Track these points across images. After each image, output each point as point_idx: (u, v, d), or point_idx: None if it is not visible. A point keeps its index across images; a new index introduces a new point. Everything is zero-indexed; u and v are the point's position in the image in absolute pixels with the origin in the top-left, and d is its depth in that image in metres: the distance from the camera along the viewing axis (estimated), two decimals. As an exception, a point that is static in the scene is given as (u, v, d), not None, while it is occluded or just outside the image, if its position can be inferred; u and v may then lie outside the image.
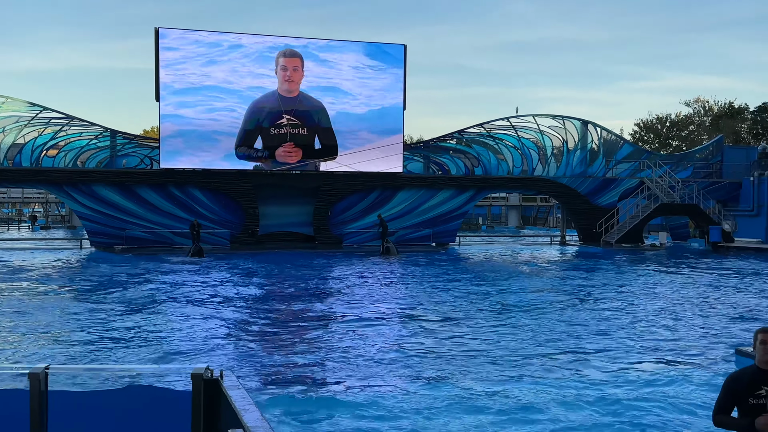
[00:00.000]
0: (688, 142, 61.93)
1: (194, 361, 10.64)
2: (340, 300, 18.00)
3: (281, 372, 10.48)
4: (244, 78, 32.90)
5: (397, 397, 9.18)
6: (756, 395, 4.42)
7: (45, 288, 19.59)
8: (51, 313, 15.18)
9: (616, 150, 39.28)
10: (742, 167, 40.59)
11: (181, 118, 32.09)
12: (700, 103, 67.41)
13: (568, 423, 8.20)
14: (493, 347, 12.20)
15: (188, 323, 14.26)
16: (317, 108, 33.76)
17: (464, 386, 9.63)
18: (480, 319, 15.06)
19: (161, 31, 31.91)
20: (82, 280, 21.56)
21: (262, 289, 19.85)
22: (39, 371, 5.65)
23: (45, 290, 19.15)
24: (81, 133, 32.64)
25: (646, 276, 23.75)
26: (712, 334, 13.69)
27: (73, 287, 19.94)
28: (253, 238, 33.11)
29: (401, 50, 35.04)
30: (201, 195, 32.93)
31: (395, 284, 21.69)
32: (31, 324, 13.90)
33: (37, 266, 25.48)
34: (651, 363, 11.29)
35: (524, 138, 37.46)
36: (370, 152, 34.24)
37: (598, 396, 9.29)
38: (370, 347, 12.17)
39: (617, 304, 17.50)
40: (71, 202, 32.33)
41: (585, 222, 37.99)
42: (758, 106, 60.08)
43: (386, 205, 35.03)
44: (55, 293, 18.67)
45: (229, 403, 5.68)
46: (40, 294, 18.44)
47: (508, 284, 21.29)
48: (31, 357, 10.93)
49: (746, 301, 18.15)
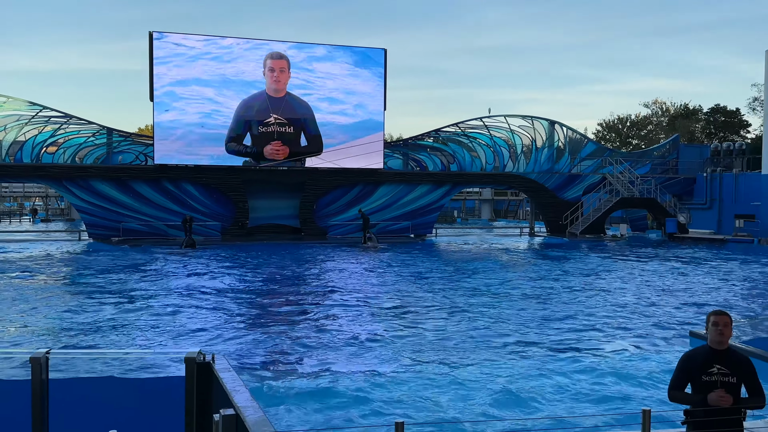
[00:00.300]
0: (646, 141, 62.52)
1: (187, 346, 10.59)
2: (323, 287, 17.96)
3: (269, 355, 10.45)
4: (234, 79, 32.66)
5: (378, 376, 9.19)
6: (708, 373, 4.48)
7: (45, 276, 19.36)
8: (54, 301, 15.01)
9: (580, 148, 39.54)
10: (696, 164, 41.08)
11: (174, 117, 31.81)
12: (658, 105, 68.07)
13: (538, 394, 8.27)
14: (466, 330, 12.25)
15: (180, 310, 14.16)
16: (303, 107, 33.63)
17: (440, 366, 9.67)
18: (452, 302, 15.12)
19: (155, 34, 31.60)
20: (82, 269, 21.31)
21: (252, 277, 19.75)
22: (40, 356, 5.58)
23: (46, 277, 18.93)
24: (79, 131, 32.27)
25: (607, 264, 23.97)
26: (668, 317, 13.86)
27: (73, 274, 19.73)
28: (243, 230, 32.97)
29: (382, 54, 34.98)
30: (193, 189, 32.70)
31: (375, 272, 21.70)
32: (32, 310, 13.73)
33: (36, 257, 25.16)
34: (611, 343, 11.42)
35: (496, 137, 37.60)
36: (353, 149, 34.19)
37: (561, 372, 9.38)
38: (352, 331, 12.17)
39: (580, 289, 17.64)
40: (70, 196, 31.96)
41: (552, 215, 38.24)
42: (711, 108, 60.75)
43: (368, 199, 35.01)
44: (60, 277, 18.46)
45: (220, 385, 5.66)
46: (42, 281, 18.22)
47: (480, 271, 21.38)
48: (37, 341, 10.80)
49: (699, 287, 18.39)
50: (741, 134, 57.86)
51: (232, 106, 32.62)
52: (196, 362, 5.89)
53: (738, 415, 4.47)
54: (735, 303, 15.76)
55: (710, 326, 4.59)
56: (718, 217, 37.67)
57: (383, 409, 7.91)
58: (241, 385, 5.84)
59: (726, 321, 4.55)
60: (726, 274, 21.36)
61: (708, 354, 4.55)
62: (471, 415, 7.68)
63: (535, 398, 8.32)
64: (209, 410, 5.71)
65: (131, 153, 33.00)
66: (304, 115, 33.62)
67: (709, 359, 4.52)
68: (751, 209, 35.33)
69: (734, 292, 17.71)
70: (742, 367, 4.52)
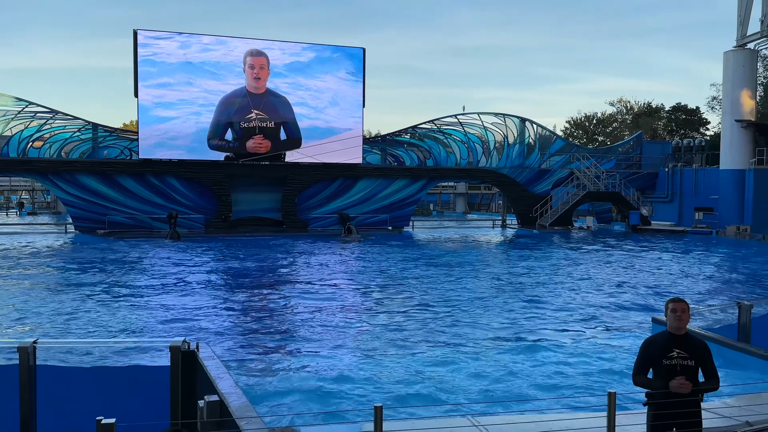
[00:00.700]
0: (611, 138, 63.11)
1: (171, 334, 10.50)
2: (304, 276, 17.91)
3: (252, 343, 10.42)
4: (215, 75, 32.35)
5: (355, 361, 9.21)
6: (669, 357, 4.56)
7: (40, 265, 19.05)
8: (41, 288, 14.78)
9: (549, 144, 39.83)
10: (659, 159, 41.63)
11: (158, 113, 31.46)
12: (623, 103, 68.71)
13: (511, 379, 8.35)
14: (441, 315, 12.33)
15: (164, 299, 14.04)
16: (283, 103, 33.44)
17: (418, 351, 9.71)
18: (430, 289, 15.18)
19: (139, 32, 31.18)
20: (69, 260, 21.01)
21: (236, 268, 19.62)
22: (28, 345, 5.51)
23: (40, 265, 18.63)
24: (65, 126, 31.73)
25: (574, 254, 24.23)
26: (631, 304, 14.06)
27: (62, 266, 19.44)
28: (226, 223, 32.74)
29: (361, 53, 34.88)
30: (177, 183, 32.38)
31: (355, 262, 21.70)
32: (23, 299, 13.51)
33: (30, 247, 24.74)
34: (578, 329, 11.56)
35: (470, 133, 37.73)
36: (333, 144, 34.09)
37: (531, 356, 9.48)
38: (331, 318, 12.17)
39: (548, 278, 17.82)
40: (56, 189, 31.48)
41: (523, 207, 38.53)
42: (672, 106, 61.51)
43: (347, 192, 34.98)
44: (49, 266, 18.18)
45: (205, 373, 5.64)
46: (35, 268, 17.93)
47: (454, 260, 21.48)
48: (23, 330, 10.64)
49: (660, 275, 18.67)
50: (700, 131, 58.71)
51: (214, 102, 32.33)
52: (180, 350, 5.86)
53: (696, 397, 4.57)
54: (693, 290, 16.04)
55: (669, 313, 4.67)
56: (678, 210, 38.25)
57: (363, 393, 7.93)
58: (225, 373, 5.83)
59: (684, 307, 4.64)
60: (685, 264, 21.72)
61: (668, 339, 4.64)
62: (445, 397, 7.74)
63: (503, 383, 8.41)
64: (194, 397, 5.69)
65: (116, 148, 32.56)
66: (284, 111, 33.43)
67: (669, 344, 4.60)
68: (710, 202, 35.94)
69: (693, 279, 18.02)
70: (700, 350, 4.62)
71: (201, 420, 5.02)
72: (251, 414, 4.96)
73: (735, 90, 34.31)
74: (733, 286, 17.21)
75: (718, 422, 5.33)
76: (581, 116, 68.59)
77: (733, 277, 19.01)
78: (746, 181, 33.71)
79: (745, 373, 7.72)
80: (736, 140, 34.41)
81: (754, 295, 15.30)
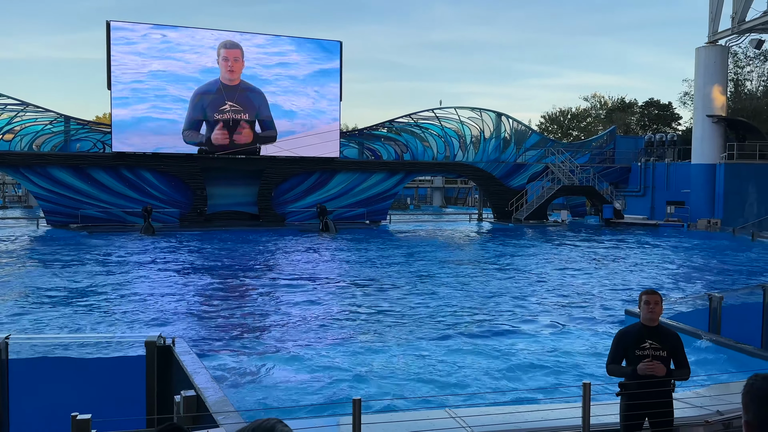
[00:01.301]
0: (585, 132, 63.77)
1: (147, 330, 10.38)
2: (280, 270, 17.83)
3: (227, 338, 10.35)
4: (189, 67, 31.96)
5: (330, 353, 9.20)
6: (641, 348, 4.64)
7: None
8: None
9: (525, 139, 40.11)
10: (632, 154, 42.19)
11: (132, 105, 31.00)
12: (597, 99, 69.44)
13: (487, 367, 8.42)
14: (419, 307, 12.37)
15: (139, 294, 13.87)
16: (258, 95, 33.17)
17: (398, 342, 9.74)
18: (405, 283, 15.22)
19: (112, 23, 30.65)
20: (41, 254, 20.64)
21: (211, 262, 19.46)
22: (0, 340, 5.40)
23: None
24: (36, 119, 31.11)
25: (548, 246, 24.46)
26: (605, 296, 14.25)
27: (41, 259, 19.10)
28: (201, 217, 32.41)
29: (338, 46, 34.72)
30: (151, 177, 31.95)
31: (331, 256, 21.66)
32: None
33: None
34: (555, 320, 11.68)
35: (447, 127, 37.82)
36: (310, 138, 33.93)
37: (507, 348, 9.56)
38: (307, 312, 12.14)
39: (524, 270, 17.97)
40: (27, 183, 30.86)
41: (499, 201, 38.77)
42: (645, 101, 62.28)
43: (325, 186, 34.85)
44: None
45: (181, 368, 5.58)
46: None
47: (431, 254, 21.55)
48: None
49: (633, 267, 18.94)
50: (673, 126, 59.56)
51: (188, 94, 31.95)
52: (156, 346, 5.80)
53: (668, 387, 4.65)
54: (665, 282, 16.31)
55: (642, 305, 4.75)
56: (651, 204, 38.81)
57: (342, 385, 7.93)
58: (202, 367, 5.78)
59: (656, 299, 4.71)
60: (658, 256, 22.06)
61: (641, 330, 4.71)
62: (419, 390, 7.77)
63: (476, 374, 8.47)
64: (170, 392, 5.63)
65: (89, 141, 32.01)
66: (258, 102, 33.17)
67: (641, 335, 4.68)
68: (682, 196, 36.54)
69: (665, 272, 18.32)
70: (672, 341, 4.70)
71: (177, 415, 4.98)
72: (228, 408, 4.92)
73: (706, 86, 34.87)
74: (704, 277, 17.53)
75: (689, 412, 5.43)
76: (556, 111, 69.17)
77: (704, 268, 19.36)
78: (717, 175, 34.32)
79: (715, 364, 7.88)
80: (707, 135, 34.99)
81: (724, 286, 15.61)
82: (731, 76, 43.87)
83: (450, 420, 5.18)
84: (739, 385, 5.51)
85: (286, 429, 1.72)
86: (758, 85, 47.34)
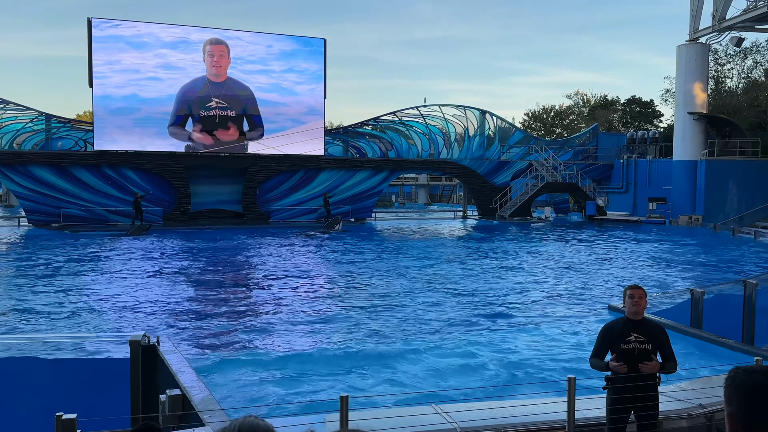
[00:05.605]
0: (568, 130, 64.18)
1: (132, 329, 10.29)
2: (267, 269, 17.76)
3: (212, 336, 10.29)
4: (174, 64, 31.69)
5: (318, 351, 9.18)
6: (626, 341, 4.68)
7: None
8: None
9: (509, 136, 40.27)
10: (614, 151, 42.52)
11: (114, 103, 30.68)
12: (579, 96, 69.89)
13: (478, 360, 8.44)
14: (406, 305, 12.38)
15: (124, 293, 13.74)
16: (244, 92, 32.98)
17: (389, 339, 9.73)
18: (388, 281, 15.23)
19: (94, 20, 30.30)
20: (24, 254, 20.37)
21: (200, 261, 19.32)
22: (-20, 342, 5.32)
23: None
24: (16, 117, 30.68)
25: (533, 243, 24.60)
26: (589, 291, 14.35)
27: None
28: (185, 215, 32.16)
29: (322, 43, 34.61)
30: (134, 175, 31.64)
31: (320, 254, 21.60)
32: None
33: None
34: (539, 314, 11.75)
35: (431, 125, 37.87)
36: (294, 136, 33.80)
37: (495, 342, 9.61)
38: (300, 310, 12.10)
39: (508, 266, 18.05)
40: (8, 182, 30.42)
41: (483, 199, 38.89)
42: (627, 99, 62.80)
43: (310, 184, 34.75)
44: None
45: (166, 366, 5.54)
46: None
47: (417, 251, 21.56)
48: None
49: (616, 262, 19.10)
50: (654, 123, 60.12)
51: (172, 91, 31.67)
52: (140, 345, 5.75)
53: (654, 381, 4.70)
54: (649, 277, 16.46)
55: (627, 299, 4.80)
56: (633, 200, 39.14)
57: (329, 382, 7.92)
58: (187, 366, 5.74)
59: (641, 294, 4.76)
60: (641, 252, 22.26)
61: (626, 324, 4.76)
62: (409, 385, 7.78)
63: (461, 370, 8.50)
64: (155, 391, 5.58)
65: (71, 139, 31.63)
66: (245, 98, 32.99)
67: (626, 329, 4.72)
68: (663, 193, 36.90)
69: (649, 266, 18.49)
70: (657, 334, 4.75)
71: (163, 414, 4.94)
72: (214, 407, 4.89)
73: (687, 83, 35.22)
74: (686, 273, 17.72)
75: (673, 405, 5.49)
76: (539, 109, 69.55)
77: (685, 263, 19.56)
78: (698, 171, 34.71)
79: (698, 358, 7.97)
80: (688, 132, 35.36)
81: (705, 282, 15.79)
82: (712, 73, 44.32)
83: (436, 416, 5.19)
84: (721, 378, 5.57)
85: (269, 426, 1.74)
86: (738, 83, 47.91)
